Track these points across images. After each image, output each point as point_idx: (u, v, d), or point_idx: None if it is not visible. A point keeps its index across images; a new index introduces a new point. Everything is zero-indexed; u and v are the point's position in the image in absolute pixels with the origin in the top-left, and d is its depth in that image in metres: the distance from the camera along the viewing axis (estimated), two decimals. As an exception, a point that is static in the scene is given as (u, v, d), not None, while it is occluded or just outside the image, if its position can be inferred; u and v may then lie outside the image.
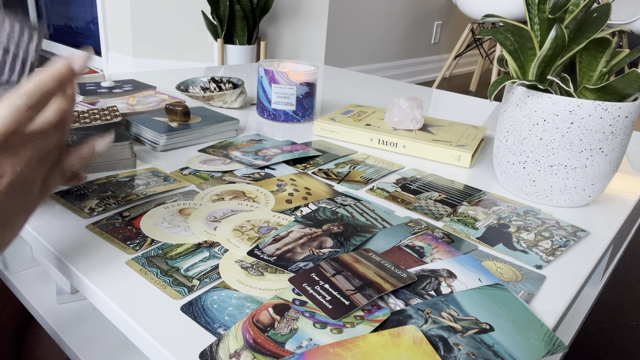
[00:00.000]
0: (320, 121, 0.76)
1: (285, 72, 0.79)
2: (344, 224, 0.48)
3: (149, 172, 0.58)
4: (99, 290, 0.37)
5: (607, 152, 0.53)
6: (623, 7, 2.70)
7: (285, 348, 0.32)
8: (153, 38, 2.48)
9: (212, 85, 0.89)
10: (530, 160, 0.55)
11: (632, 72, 0.47)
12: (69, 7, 3.21)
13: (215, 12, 2.18)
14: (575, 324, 0.72)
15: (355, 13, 2.65)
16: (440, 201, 0.56)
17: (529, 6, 0.53)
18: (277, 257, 0.42)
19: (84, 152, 0.40)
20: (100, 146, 0.40)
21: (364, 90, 1.13)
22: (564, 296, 0.41)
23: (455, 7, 3.43)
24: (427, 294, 0.38)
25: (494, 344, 0.34)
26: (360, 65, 2.84)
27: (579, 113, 0.51)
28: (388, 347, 0.32)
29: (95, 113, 0.65)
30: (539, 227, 0.51)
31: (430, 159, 0.70)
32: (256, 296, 0.37)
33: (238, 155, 0.65)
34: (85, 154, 0.40)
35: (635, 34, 3.10)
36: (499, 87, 0.52)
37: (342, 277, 0.39)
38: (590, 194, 0.56)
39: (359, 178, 0.61)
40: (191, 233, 0.45)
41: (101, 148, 0.40)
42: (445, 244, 0.46)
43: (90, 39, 3.07)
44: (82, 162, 0.40)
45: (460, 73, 3.75)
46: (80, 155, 0.40)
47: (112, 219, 0.47)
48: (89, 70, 0.94)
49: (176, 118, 0.69)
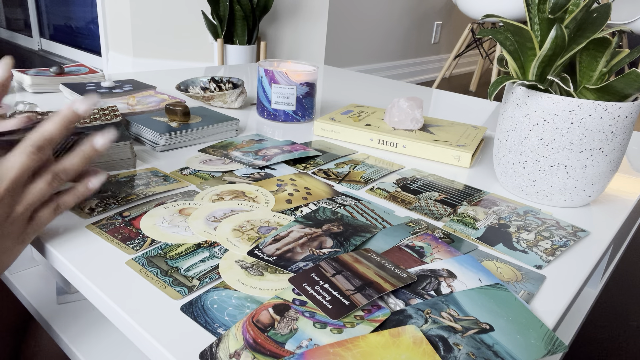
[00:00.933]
0: (320, 121, 0.76)
1: (285, 72, 0.79)
2: (344, 224, 0.48)
3: (149, 172, 0.58)
4: (99, 290, 0.37)
5: (607, 152, 0.53)
6: (623, 7, 2.70)
7: (285, 348, 0.32)
8: (153, 38, 2.49)
9: (212, 85, 0.89)
10: (530, 160, 0.55)
11: (632, 72, 0.47)
12: (69, 7, 3.21)
13: (215, 12, 2.18)
14: (575, 324, 0.72)
15: (355, 13, 2.65)
16: (440, 201, 0.56)
17: (529, 6, 0.53)
18: (277, 257, 0.42)
19: (80, 191, 0.42)
20: (95, 185, 0.43)
21: (364, 90, 1.13)
22: (564, 296, 0.41)
23: (455, 7, 3.43)
24: (427, 294, 0.38)
25: (494, 344, 0.34)
26: (360, 65, 2.84)
27: (579, 113, 0.51)
28: (388, 347, 0.32)
29: (95, 113, 0.66)
30: (539, 227, 0.51)
31: (430, 159, 0.70)
32: (256, 296, 0.37)
33: (238, 155, 0.65)
34: (82, 193, 0.43)
35: (635, 34, 3.10)
36: (499, 87, 0.52)
37: (342, 277, 0.39)
38: (590, 194, 0.56)
39: (359, 178, 0.61)
40: (191, 233, 0.45)
41: (95, 187, 0.43)
42: (445, 244, 0.46)
43: (90, 39, 3.07)
44: (78, 200, 0.42)
45: (460, 73, 3.75)
46: (77, 194, 0.42)
47: (112, 219, 0.47)
48: (89, 70, 0.94)
49: (176, 118, 0.69)
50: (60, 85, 0.84)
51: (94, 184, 0.42)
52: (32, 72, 0.87)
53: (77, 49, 3.19)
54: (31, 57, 3.34)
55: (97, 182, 0.43)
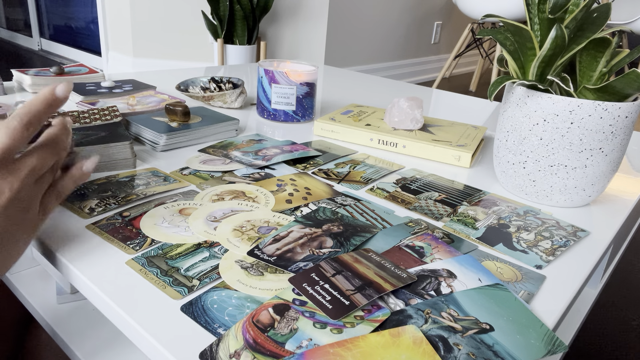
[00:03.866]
0: (320, 121, 0.76)
1: (285, 72, 0.79)
2: (344, 224, 0.48)
3: (149, 172, 0.58)
4: (98, 290, 0.37)
5: (607, 152, 0.53)
6: (623, 7, 2.70)
7: (285, 348, 0.32)
8: (153, 38, 2.49)
9: (212, 85, 0.89)
10: (530, 160, 0.55)
11: (632, 72, 0.47)
12: (69, 7, 3.21)
13: (215, 12, 2.18)
14: (575, 324, 0.72)
15: (355, 13, 2.65)
16: (440, 201, 0.56)
17: (529, 6, 0.53)
18: (277, 257, 0.42)
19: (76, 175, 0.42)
20: (89, 167, 0.43)
21: (364, 90, 1.13)
22: (564, 296, 0.41)
23: (455, 7, 3.43)
24: (427, 294, 0.38)
25: (494, 344, 0.34)
26: (360, 65, 2.84)
27: (579, 113, 0.51)
28: (388, 347, 0.32)
29: (95, 113, 0.65)
30: (539, 227, 0.51)
31: (430, 159, 0.70)
32: (256, 296, 0.37)
33: (238, 155, 0.65)
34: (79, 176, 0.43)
35: (635, 34, 3.10)
36: (499, 87, 0.52)
37: (342, 277, 0.39)
38: (590, 194, 0.56)
39: (359, 178, 0.61)
40: (191, 233, 0.45)
41: (89, 169, 0.43)
42: (445, 244, 0.46)
43: (90, 39, 3.07)
44: (76, 183, 0.42)
45: (460, 73, 3.75)
46: (73, 178, 0.42)
47: (112, 219, 0.47)
48: (89, 70, 0.94)
49: (176, 118, 0.69)
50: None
51: (88, 167, 0.43)
52: (32, 72, 0.87)
53: (77, 49, 3.19)
54: (31, 57, 3.34)
55: (91, 164, 0.43)
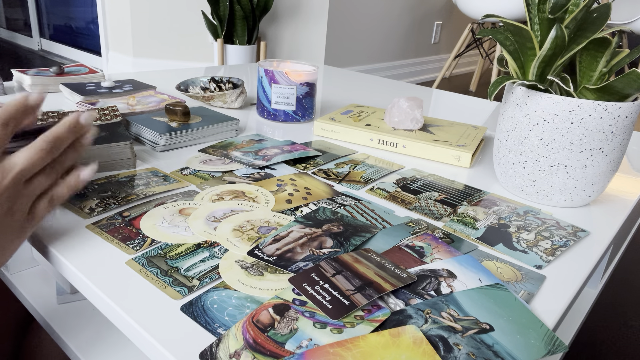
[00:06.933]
0: (320, 121, 0.76)
1: (285, 72, 0.79)
2: (344, 224, 0.48)
3: (149, 172, 0.58)
4: (98, 290, 0.37)
5: (607, 152, 0.53)
6: (623, 7, 2.70)
7: (285, 348, 0.32)
8: (153, 38, 2.49)
9: (212, 85, 0.89)
10: (530, 160, 0.55)
11: (632, 72, 0.47)
12: (69, 7, 3.21)
13: (215, 12, 2.18)
14: (575, 324, 0.72)
15: (355, 13, 2.65)
16: (440, 201, 0.56)
17: (529, 6, 0.53)
18: (277, 257, 0.42)
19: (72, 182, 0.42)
20: (86, 176, 0.43)
21: (364, 90, 1.13)
22: (564, 296, 0.41)
23: (455, 7, 3.43)
24: (427, 294, 0.38)
25: (494, 344, 0.34)
26: (360, 65, 2.84)
27: (579, 113, 0.51)
28: (388, 347, 0.32)
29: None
30: (539, 227, 0.51)
31: (430, 159, 0.70)
32: (256, 296, 0.37)
33: (238, 155, 0.65)
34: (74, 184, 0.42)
35: (635, 34, 3.10)
36: (499, 87, 0.52)
37: (342, 277, 0.39)
38: (590, 194, 0.56)
39: (359, 178, 0.61)
40: (191, 233, 0.45)
41: (86, 178, 0.43)
42: (445, 244, 0.46)
43: (90, 39, 3.07)
44: (70, 191, 0.42)
45: (460, 73, 3.75)
46: (69, 185, 0.42)
47: (112, 219, 0.47)
48: (89, 70, 0.94)
49: (176, 118, 0.69)
50: (60, 85, 0.84)
51: (85, 175, 0.42)
52: (32, 72, 0.87)
53: (77, 49, 3.19)
54: (31, 57, 3.34)
55: (88, 173, 0.42)
